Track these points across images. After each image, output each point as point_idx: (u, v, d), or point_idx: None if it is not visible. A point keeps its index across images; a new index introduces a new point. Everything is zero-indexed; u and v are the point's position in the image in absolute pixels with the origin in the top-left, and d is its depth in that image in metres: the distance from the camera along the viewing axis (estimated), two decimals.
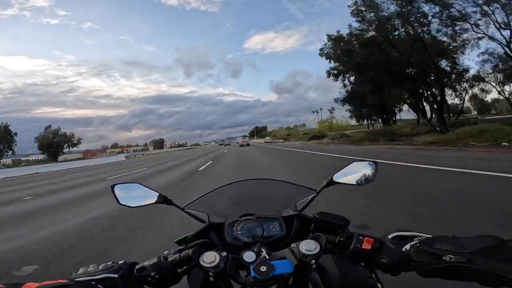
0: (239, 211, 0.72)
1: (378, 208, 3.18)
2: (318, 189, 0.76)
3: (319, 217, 0.58)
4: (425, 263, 0.43)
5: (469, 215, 2.64)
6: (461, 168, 4.96)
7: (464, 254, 0.39)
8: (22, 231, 3.74)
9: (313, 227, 0.60)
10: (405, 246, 0.47)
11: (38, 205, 5.99)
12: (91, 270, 0.50)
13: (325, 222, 0.57)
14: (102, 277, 0.48)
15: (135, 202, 0.70)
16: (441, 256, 0.41)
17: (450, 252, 0.40)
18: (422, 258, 0.44)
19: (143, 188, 0.72)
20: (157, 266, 0.52)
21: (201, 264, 0.50)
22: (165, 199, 0.71)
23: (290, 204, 0.77)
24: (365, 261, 0.52)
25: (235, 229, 0.68)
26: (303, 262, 0.50)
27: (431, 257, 0.42)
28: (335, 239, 0.55)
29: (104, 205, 4.79)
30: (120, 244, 2.87)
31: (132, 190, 0.72)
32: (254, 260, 0.50)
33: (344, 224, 0.56)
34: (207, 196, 0.80)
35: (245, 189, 0.86)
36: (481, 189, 3.56)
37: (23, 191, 9.22)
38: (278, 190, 0.85)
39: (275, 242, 0.66)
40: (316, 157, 11.61)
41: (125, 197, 0.70)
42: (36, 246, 2.99)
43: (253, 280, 0.47)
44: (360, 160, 0.74)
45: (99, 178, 11.71)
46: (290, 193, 0.82)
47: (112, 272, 0.49)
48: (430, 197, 3.43)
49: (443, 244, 0.42)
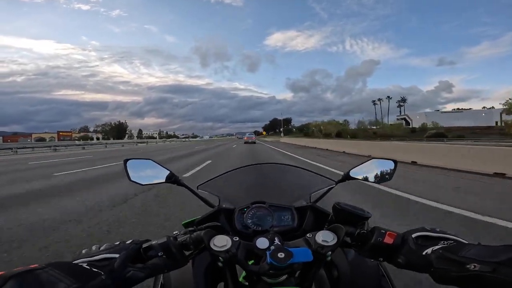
0: (251, 197, 0.71)
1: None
2: (337, 181, 0.73)
3: (340, 207, 0.55)
4: (445, 270, 0.41)
5: None
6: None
7: (490, 263, 0.37)
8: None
9: (331, 218, 0.58)
10: (427, 250, 0.45)
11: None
12: (93, 250, 0.46)
13: (346, 213, 0.54)
14: (100, 258, 0.43)
15: (146, 179, 0.70)
16: (465, 264, 0.39)
17: (475, 260, 0.38)
18: (443, 265, 0.41)
19: (156, 165, 0.71)
20: (165, 246, 0.49)
21: (212, 248, 0.48)
22: (176, 179, 0.70)
23: (303, 194, 0.76)
24: (383, 256, 0.50)
25: (246, 216, 0.67)
26: (319, 253, 0.49)
27: (454, 265, 0.40)
28: (355, 232, 0.53)
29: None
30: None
31: (144, 167, 0.71)
32: (267, 247, 0.49)
33: (365, 216, 0.54)
34: (220, 178, 0.78)
35: (259, 174, 0.84)
36: None
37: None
38: (293, 178, 0.83)
39: (285, 233, 0.64)
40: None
41: (136, 173, 0.69)
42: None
43: (268, 267, 0.45)
44: (379, 158, 0.73)
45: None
46: (305, 182, 0.80)
47: (113, 252, 0.45)
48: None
49: (469, 252, 0.40)
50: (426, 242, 0.47)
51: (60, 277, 0.34)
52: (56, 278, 0.34)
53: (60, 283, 0.34)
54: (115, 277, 0.42)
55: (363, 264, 0.60)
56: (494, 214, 3.06)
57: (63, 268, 0.36)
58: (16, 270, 0.33)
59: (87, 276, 0.38)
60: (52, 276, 0.34)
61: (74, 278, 0.35)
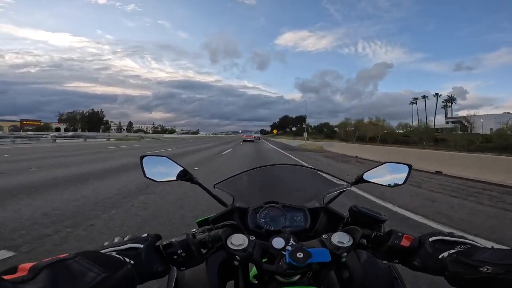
0: (264, 197, 0.72)
1: None
2: (350, 183, 0.73)
3: (357, 209, 0.56)
4: (458, 273, 0.42)
5: None
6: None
7: (502, 266, 0.37)
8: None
9: (346, 220, 0.59)
10: (443, 254, 0.46)
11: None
12: (116, 241, 0.49)
13: (363, 215, 0.55)
14: (127, 247, 0.46)
15: (161, 176, 0.70)
16: (478, 267, 0.39)
17: (488, 263, 0.39)
18: (457, 268, 0.42)
19: (171, 162, 0.71)
20: (185, 244, 0.49)
21: (229, 246, 0.49)
22: (190, 177, 0.70)
23: (316, 196, 0.76)
24: (399, 259, 0.51)
25: (259, 216, 0.67)
26: (334, 254, 0.49)
27: (467, 268, 0.41)
28: (371, 234, 0.53)
29: None
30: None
31: (160, 164, 0.71)
32: (283, 247, 0.49)
33: (382, 219, 0.54)
34: (235, 178, 0.79)
35: (272, 175, 0.84)
36: None
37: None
38: (306, 179, 0.83)
39: (297, 234, 0.64)
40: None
41: (151, 170, 0.70)
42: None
43: (287, 267, 0.46)
44: (394, 162, 0.73)
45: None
46: (318, 183, 0.80)
47: (137, 242, 0.48)
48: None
49: (482, 255, 0.41)
50: (442, 246, 0.47)
51: (89, 266, 0.36)
52: (85, 268, 0.35)
53: (89, 272, 0.35)
54: (140, 268, 0.44)
55: (375, 266, 0.60)
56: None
57: (92, 257, 0.37)
58: (47, 260, 0.34)
59: (114, 265, 0.39)
60: (82, 265, 0.35)
61: (102, 267, 0.37)
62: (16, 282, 0.30)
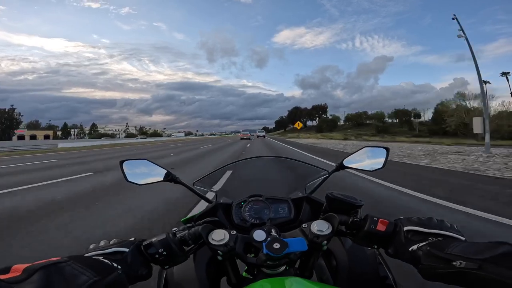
0: (248, 191, 0.71)
1: None
2: (330, 171, 0.73)
3: (332, 196, 0.55)
4: (431, 267, 0.41)
5: None
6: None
7: (476, 261, 0.37)
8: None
9: (325, 208, 0.58)
10: (413, 246, 0.45)
11: None
12: (102, 245, 0.49)
13: (339, 202, 0.54)
14: (113, 250, 0.47)
15: (143, 179, 0.70)
16: (451, 261, 0.39)
17: (461, 257, 0.38)
18: (431, 261, 0.42)
19: (152, 165, 0.71)
20: (165, 243, 0.50)
21: (210, 242, 0.49)
22: (173, 178, 0.70)
23: (299, 186, 0.76)
24: (378, 244, 0.51)
25: (243, 209, 0.68)
26: (314, 243, 0.49)
27: (440, 262, 0.40)
28: (348, 220, 0.53)
29: None
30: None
31: (141, 167, 0.71)
32: (265, 239, 0.49)
33: (358, 204, 0.54)
34: (216, 173, 0.78)
35: (254, 168, 0.84)
36: None
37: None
38: (288, 170, 0.83)
39: (282, 224, 0.65)
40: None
41: (133, 174, 0.69)
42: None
43: (265, 258, 0.46)
44: (371, 146, 0.72)
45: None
46: (300, 173, 0.80)
47: (123, 246, 0.48)
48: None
49: (455, 249, 0.40)
50: (415, 237, 0.47)
51: (81, 270, 0.36)
52: (78, 271, 0.36)
53: (81, 275, 0.35)
54: (128, 272, 0.45)
55: (361, 253, 0.61)
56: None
57: (83, 261, 0.38)
58: (41, 262, 0.34)
59: (105, 270, 0.40)
60: (74, 269, 0.36)
61: (94, 272, 0.37)
62: (10, 282, 0.30)
